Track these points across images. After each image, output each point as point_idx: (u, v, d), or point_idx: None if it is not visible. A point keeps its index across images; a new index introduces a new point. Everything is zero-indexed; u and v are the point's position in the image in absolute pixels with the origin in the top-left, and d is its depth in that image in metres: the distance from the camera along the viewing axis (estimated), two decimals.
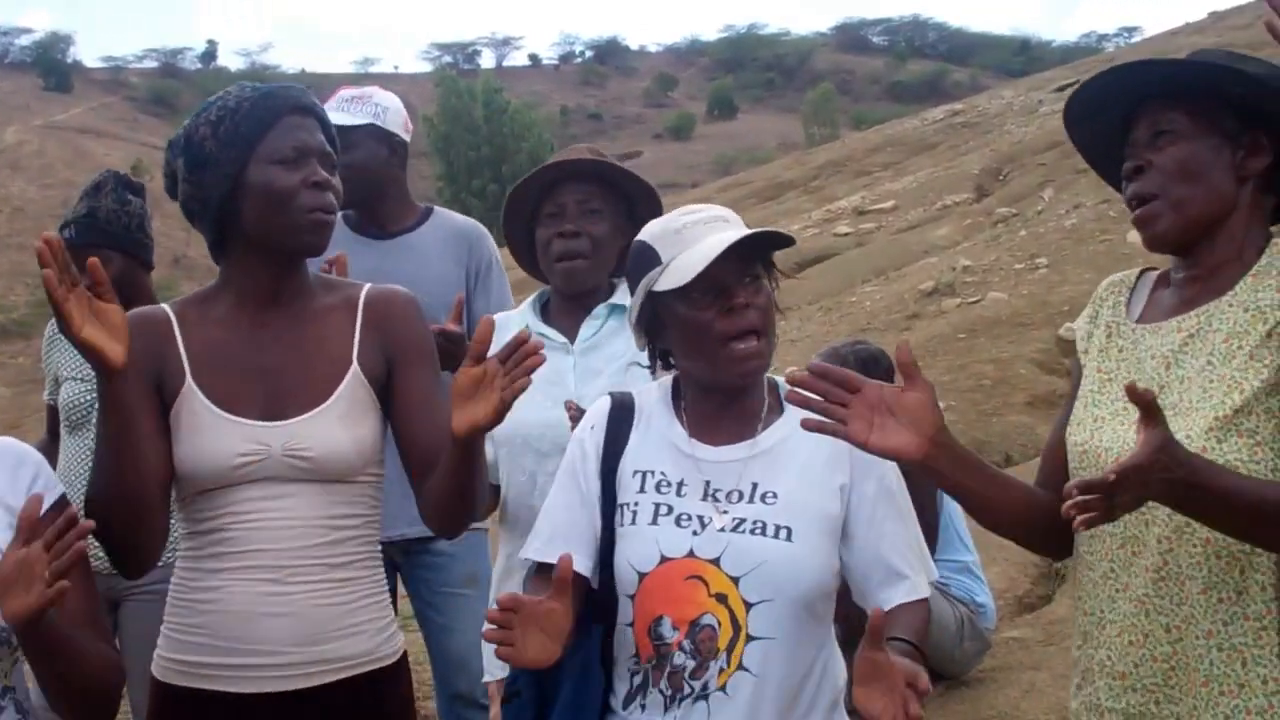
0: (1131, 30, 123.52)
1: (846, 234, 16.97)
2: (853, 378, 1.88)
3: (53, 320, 3.72)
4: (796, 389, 1.88)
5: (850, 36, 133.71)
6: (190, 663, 2.20)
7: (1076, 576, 2.03)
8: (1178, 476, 1.69)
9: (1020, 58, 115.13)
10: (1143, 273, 2.13)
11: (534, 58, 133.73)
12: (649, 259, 2.12)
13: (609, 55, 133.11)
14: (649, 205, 2.91)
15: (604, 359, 2.85)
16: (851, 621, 2.20)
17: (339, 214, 2.36)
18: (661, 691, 2.06)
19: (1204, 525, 1.81)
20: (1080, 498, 1.65)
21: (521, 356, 1.96)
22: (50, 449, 3.65)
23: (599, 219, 2.87)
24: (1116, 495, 1.65)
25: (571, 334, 2.90)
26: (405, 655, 2.34)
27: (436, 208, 3.75)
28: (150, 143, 75.28)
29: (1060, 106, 2.24)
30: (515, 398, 1.96)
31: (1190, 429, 1.84)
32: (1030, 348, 9.06)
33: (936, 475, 1.92)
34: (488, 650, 2.94)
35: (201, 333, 2.26)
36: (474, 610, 3.48)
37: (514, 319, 2.99)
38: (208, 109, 2.25)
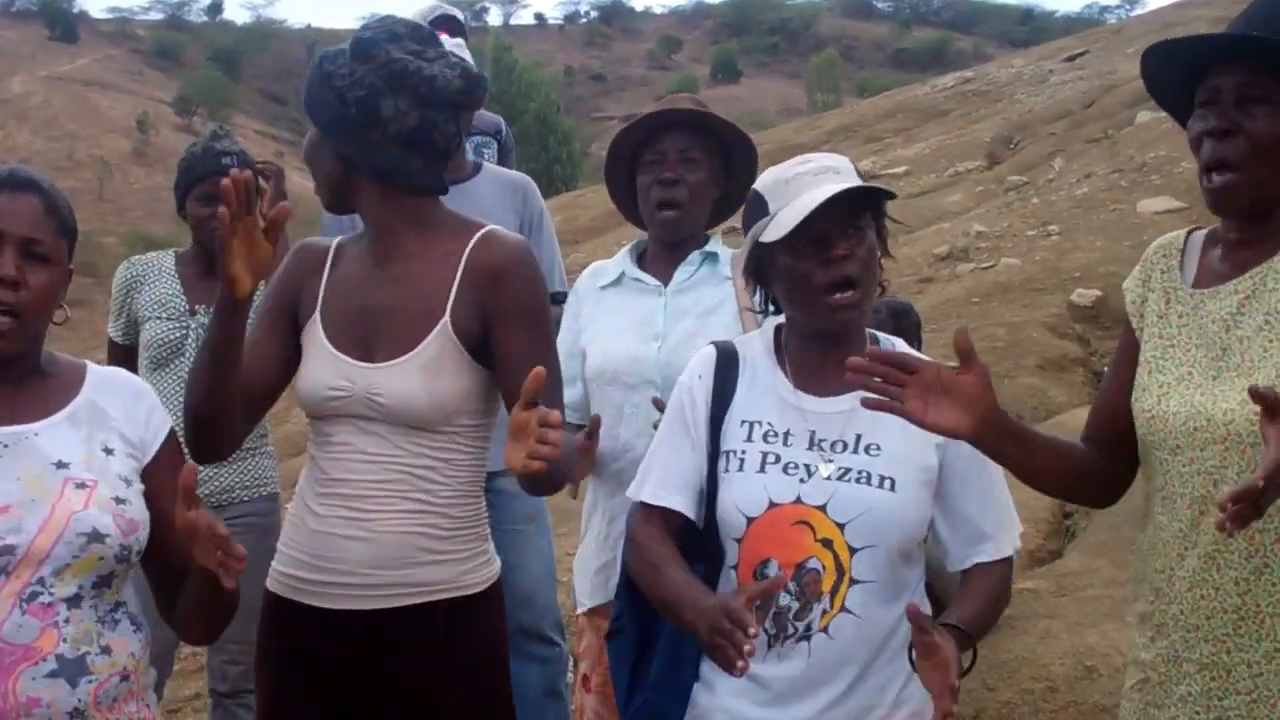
0: (1133, 2, 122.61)
1: None
2: (910, 361, 1.96)
3: (127, 263, 3.81)
4: (856, 372, 1.93)
5: (854, 3, 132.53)
6: (291, 576, 2.35)
7: (1148, 537, 2.09)
8: None
9: (1024, 27, 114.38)
10: (1190, 233, 2.14)
11: (539, 17, 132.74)
12: (759, 208, 2.20)
13: (614, 16, 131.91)
14: (745, 156, 3.04)
15: (692, 301, 2.97)
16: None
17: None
18: (766, 630, 2.11)
19: None
20: (1235, 509, 1.67)
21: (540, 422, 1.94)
22: None
23: (697, 168, 2.96)
24: (1266, 496, 1.68)
25: (665, 278, 3.02)
26: (497, 584, 2.40)
27: (482, 160, 3.80)
28: (156, 96, 73.00)
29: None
30: (534, 471, 1.96)
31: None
32: (1042, 312, 9.07)
33: (987, 449, 2.03)
34: (580, 581, 3.08)
35: (341, 268, 2.38)
36: (537, 546, 3.58)
37: (609, 266, 3.13)
38: None
